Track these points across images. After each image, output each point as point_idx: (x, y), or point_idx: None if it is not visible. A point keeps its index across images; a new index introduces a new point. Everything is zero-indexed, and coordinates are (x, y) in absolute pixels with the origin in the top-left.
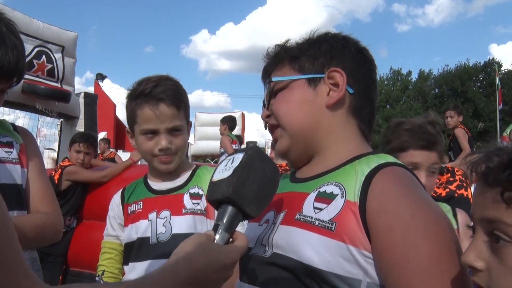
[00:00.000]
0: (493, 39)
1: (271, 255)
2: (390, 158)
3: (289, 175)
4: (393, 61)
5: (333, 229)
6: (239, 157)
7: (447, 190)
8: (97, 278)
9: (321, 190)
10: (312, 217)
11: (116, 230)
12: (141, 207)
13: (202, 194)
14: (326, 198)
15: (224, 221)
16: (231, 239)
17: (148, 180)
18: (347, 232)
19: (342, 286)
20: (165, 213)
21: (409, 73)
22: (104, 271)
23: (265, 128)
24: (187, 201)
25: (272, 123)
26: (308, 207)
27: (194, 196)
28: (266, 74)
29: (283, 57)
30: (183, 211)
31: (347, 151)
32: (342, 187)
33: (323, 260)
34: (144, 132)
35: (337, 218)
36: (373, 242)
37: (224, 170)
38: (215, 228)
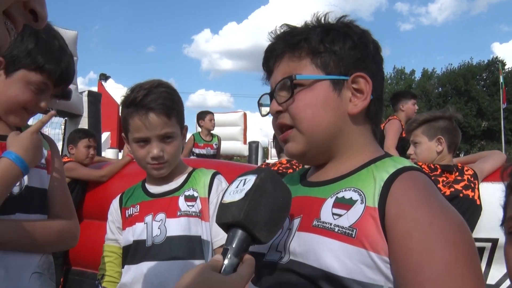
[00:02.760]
0: (496, 37)
1: (287, 261)
2: (407, 162)
3: (298, 177)
4: (396, 60)
5: (353, 235)
6: (251, 179)
7: (452, 189)
8: (96, 282)
9: (339, 195)
10: (331, 224)
11: (115, 233)
12: (138, 210)
13: (197, 196)
14: (345, 204)
15: (234, 246)
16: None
17: (146, 184)
18: (368, 238)
19: None
20: (161, 215)
21: (413, 72)
22: (103, 275)
23: (262, 115)
24: (182, 203)
25: (284, 122)
26: (327, 213)
27: (189, 198)
28: (276, 57)
29: (302, 46)
30: (178, 214)
31: (362, 156)
32: (361, 193)
33: (344, 267)
34: (136, 141)
35: (357, 224)
36: (390, 247)
37: (235, 192)
38: (224, 253)
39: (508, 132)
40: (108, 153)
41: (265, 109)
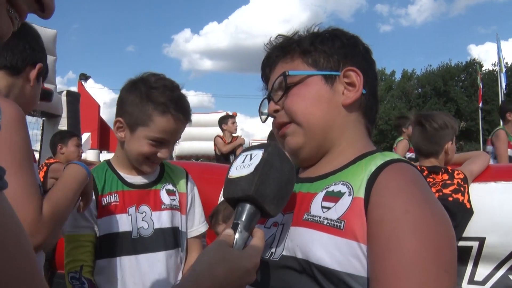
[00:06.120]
0: (472, 39)
1: (280, 257)
2: (395, 155)
3: None
4: (377, 61)
5: (342, 227)
6: (258, 153)
7: (440, 193)
8: (73, 275)
9: (329, 189)
10: (320, 217)
11: (90, 221)
12: (118, 199)
13: (176, 191)
14: (333, 196)
15: (243, 219)
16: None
17: (119, 172)
18: (356, 229)
19: (353, 284)
20: (144, 208)
21: (393, 73)
22: (83, 265)
23: (263, 121)
24: (164, 196)
25: (282, 121)
26: (316, 207)
27: (170, 192)
28: (271, 64)
29: (293, 49)
30: (162, 207)
31: (354, 150)
32: (349, 185)
33: (334, 260)
34: (152, 139)
35: (345, 216)
36: (367, 234)
37: (242, 167)
38: (235, 227)
39: (486, 133)
40: (89, 154)
41: (265, 116)
